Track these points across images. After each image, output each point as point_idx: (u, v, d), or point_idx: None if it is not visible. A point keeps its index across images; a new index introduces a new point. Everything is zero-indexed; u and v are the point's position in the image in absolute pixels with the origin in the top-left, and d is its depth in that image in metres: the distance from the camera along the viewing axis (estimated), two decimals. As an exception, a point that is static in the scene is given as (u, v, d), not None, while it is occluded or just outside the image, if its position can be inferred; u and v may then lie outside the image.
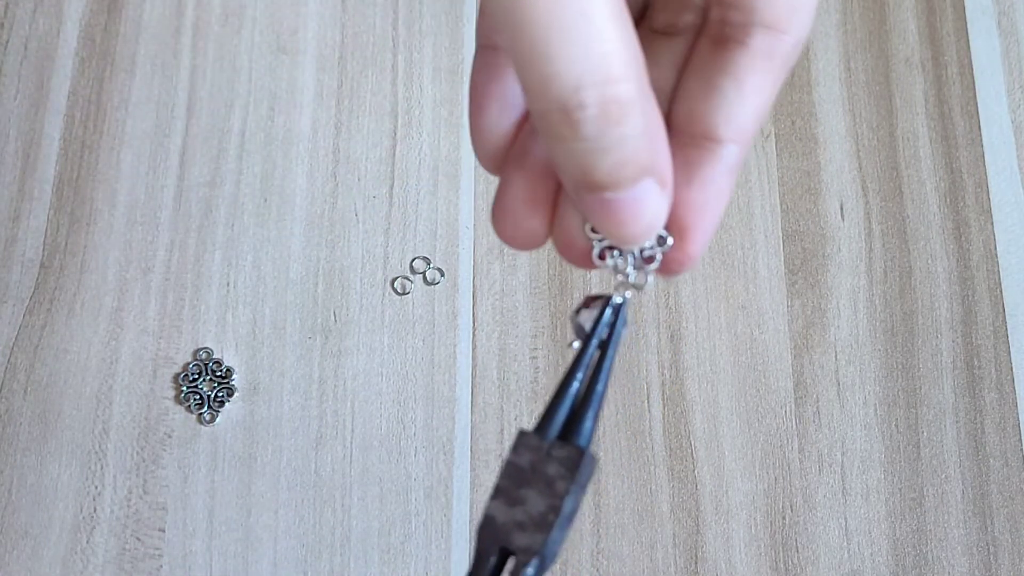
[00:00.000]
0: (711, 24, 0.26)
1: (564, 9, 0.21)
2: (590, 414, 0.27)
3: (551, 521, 0.25)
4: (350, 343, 0.62)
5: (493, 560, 0.25)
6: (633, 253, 0.26)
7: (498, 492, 0.25)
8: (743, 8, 0.25)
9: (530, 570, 0.25)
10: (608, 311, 0.27)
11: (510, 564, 0.25)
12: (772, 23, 0.24)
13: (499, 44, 0.25)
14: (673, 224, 0.25)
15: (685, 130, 0.26)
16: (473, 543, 0.25)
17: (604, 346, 0.27)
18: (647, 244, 0.26)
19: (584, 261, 0.27)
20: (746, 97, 0.25)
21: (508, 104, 0.27)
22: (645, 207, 0.24)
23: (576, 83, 0.22)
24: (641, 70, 0.23)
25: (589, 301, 0.28)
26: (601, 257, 0.26)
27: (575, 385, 0.27)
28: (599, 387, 0.27)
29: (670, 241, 0.26)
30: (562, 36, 0.21)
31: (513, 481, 0.25)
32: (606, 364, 0.27)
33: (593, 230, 0.26)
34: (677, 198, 0.25)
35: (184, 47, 0.68)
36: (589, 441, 0.26)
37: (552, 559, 0.25)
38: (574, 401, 0.27)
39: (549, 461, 0.25)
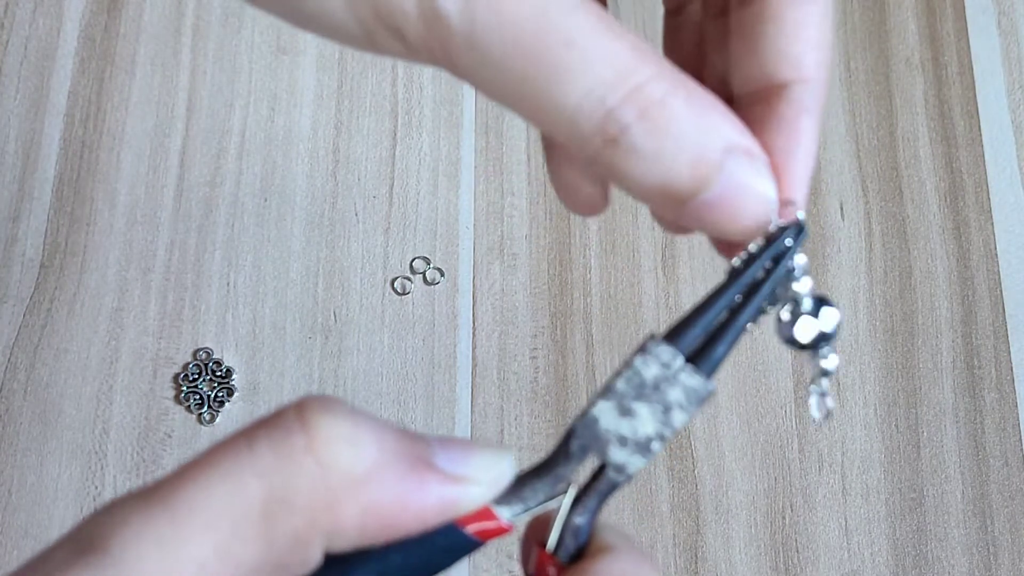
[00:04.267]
0: None
1: (549, 49, 0.20)
2: (726, 342, 0.24)
3: (654, 448, 0.23)
4: (350, 343, 0.62)
5: (578, 463, 0.23)
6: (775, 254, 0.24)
7: (610, 393, 0.23)
8: None
9: (606, 486, 0.23)
10: (786, 240, 0.24)
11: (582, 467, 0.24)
12: None
13: (513, 110, 0.23)
14: None
15: (749, 92, 0.24)
16: (567, 436, 0.23)
17: (762, 279, 0.25)
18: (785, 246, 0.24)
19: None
20: (791, 31, 0.23)
21: None
22: (746, 189, 0.22)
23: (603, 106, 0.20)
24: (656, 60, 0.21)
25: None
26: (748, 262, 0.24)
27: (721, 304, 0.24)
28: (743, 317, 0.25)
29: (801, 217, 0.24)
30: (560, 74, 0.20)
31: (631, 390, 0.23)
32: (760, 295, 0.25)
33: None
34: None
35: (184, 47, 0.68)
36: (715, 371, 0.24)
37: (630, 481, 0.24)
38: (710, 323, 0.24)
39: (674, 384, 0.23)
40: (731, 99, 0.25)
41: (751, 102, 0.24)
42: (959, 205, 0.65)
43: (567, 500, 0.24)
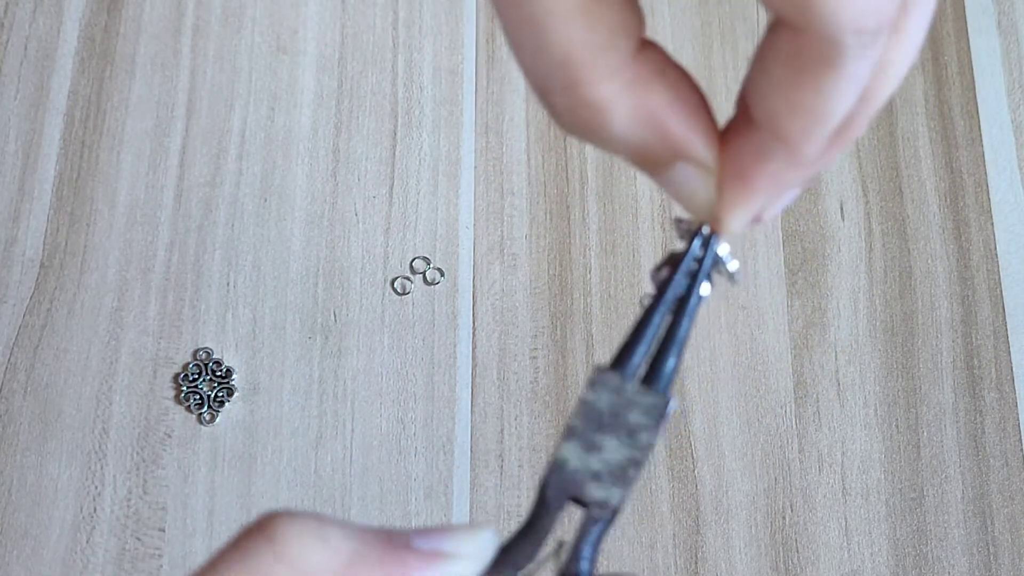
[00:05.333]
0: None
1: (520, 10, 0.20)
2: (672, 355, 0.24)
3: (632, 476, 0.23)
4: (350, 343, 0.62)
5: (558, 511, 0.23)
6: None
7: (572, 433, 0.23)
8: None
9: (598, 527, 0.23)
10: (697, 241, 0.24)
11: (573, 515, 0.23)
12: None
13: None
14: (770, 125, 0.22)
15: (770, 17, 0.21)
16: (536, 490, 0.22)
17: (690, 283, 0.24)
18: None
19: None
20: None
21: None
22: (688, 187, 0.22)
23: (543, 87, 0.21)
24: (610, 60, 0.20)
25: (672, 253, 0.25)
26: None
27: (655, 322, 0.24)
28: (683, 326, 0.24)
29: (722, 249, 0.24)
30: (522, 38, 0.20)
31: (590, 424, 0.23)
32: (692, 300, 0.24)
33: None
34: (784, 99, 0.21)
35: (184, 47, 0.68)
36: (669, 386, 0.24)
37: (620, 515, 0.23)
38: (650, 341, 0.24)
39: (632, 407, 0.23)
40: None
41: (747, 120, 0.22)
42: (959, 205, 0.65)
43: (564, 554, 0.23)
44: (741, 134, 0.23)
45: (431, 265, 0.63)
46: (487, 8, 0.70)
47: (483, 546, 0.22)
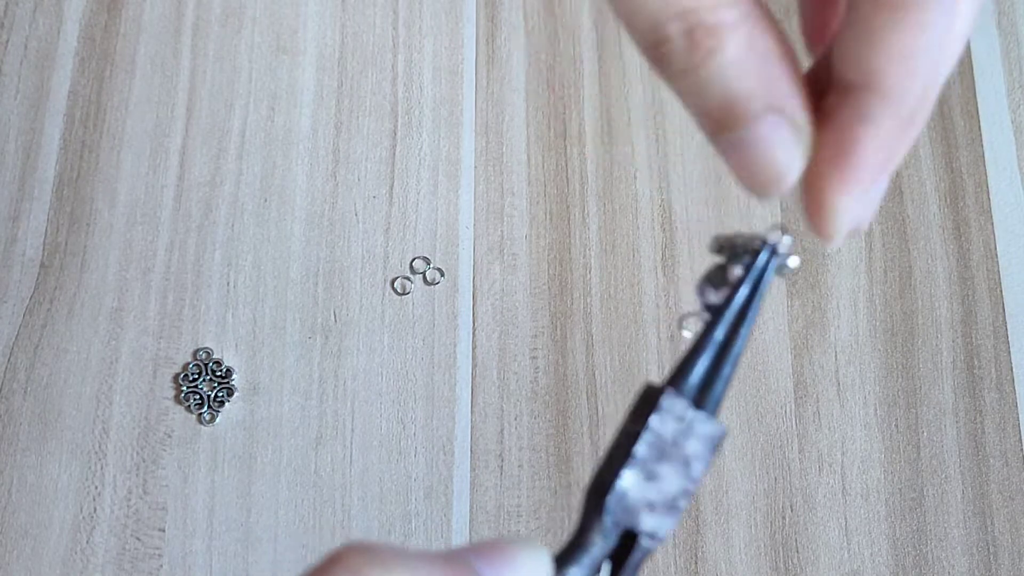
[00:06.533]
0: None
1: None
2: (722, 379, 0.24)
3: (681, 506, 0.23)
4: (350, 343, 0.62)
5: (611, 540, 0.23)
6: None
7: (635, 462, 0.23)
8: None
9: (641, 554, 0.23)
10: (763, 256, 0.24)
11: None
12: None
13: None
14: (813, 172, 0.22)
15: (845, 78, 0.22)
16: (591, 511, 0.23)
17: (748, 299, 0.24)
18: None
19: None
20: (869, 36, 0.20)
21: None
22: (771, 148, 0.21)
23: (658, 14, 0.20)
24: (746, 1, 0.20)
25: (727, 256, 0.24)
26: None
27: (716, 338, 0.24)
28: (736, 347, 0.24)
29: (784, 243, 0.23)
30: None
31: (653, 453, 0.23)
32: (749, 318, 0.24)
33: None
34: (823, 151, 0.22)
35: (184, 47, 0.68)
36: (719, 407, 0.24)
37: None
38: (707, 361, 0.24)
39: (690, 435, 0.23)
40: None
41: (839, 94, 0.22)
42: (959, 205, 0.65)
43: None
44: (833, 104, 0.22)
45: (431, 265, 0.63)
46: (487, 8, 0.70)
47: (541, 571, 0.22)
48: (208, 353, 0.61)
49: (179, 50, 0.68)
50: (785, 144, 0.21)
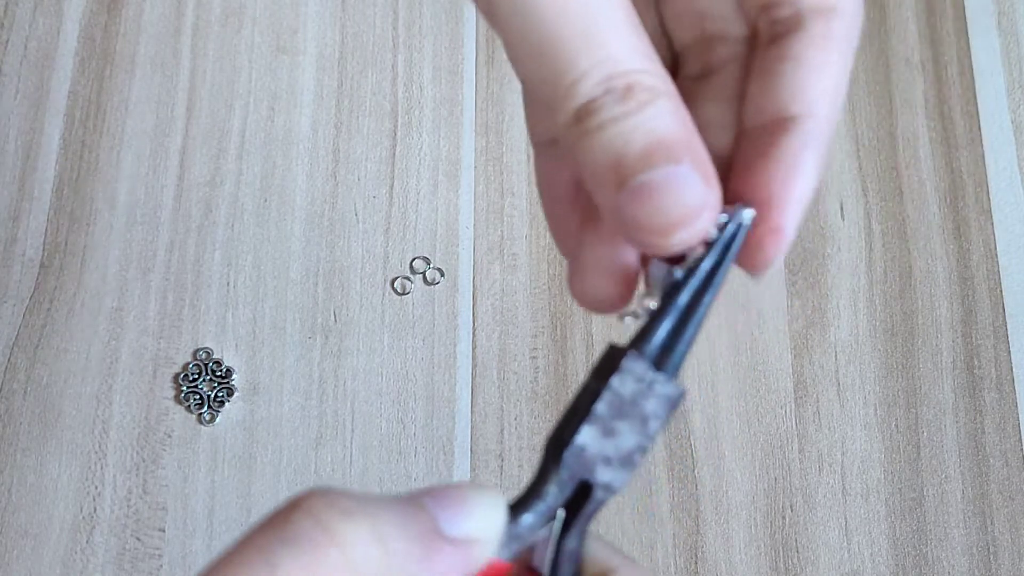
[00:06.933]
0: (761, 34, 0.26)
1: (587, 18, 0.22)
2: (684, 342, 0.25)
3: (636, 461, 0.24)
4: (350, 343, 0.62)
5: (567, 492, 0.24)
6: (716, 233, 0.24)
7: (595, 419, 0.24)
8: (789, 1, 0.25)
9: (594, 505, 0.24)
10: (730, 228, 0.25)
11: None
12: (820, 5, 0.25)
13: (519, 58, 0.25)
14: (756, 198, 0.24)
15: (758, 124, 0.25)
16: (549, 462, 0.24)
17: (713, 268, 0.25)
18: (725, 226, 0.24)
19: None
20: (809, 72, 0.25)
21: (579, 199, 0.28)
22: (684, 189, 0.23)
23: (601, 74, 0.22)
24: (662, 70, 0.24)
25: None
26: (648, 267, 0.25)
27: (680, 303, 0.25)
28: (699, 312, 0.25)
29: (748, 215, 0.24)
30: (587, 40, 0.22)
31: (612, 411, 0.24)
32: (715, 284, 0.25)
33: (643, 262, 0.25)
34: (752, 174, 0.25)
35: (184, 47, 0.68)
36: (679, 370, 0.25)
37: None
38: (669, 326, 0.25)
39: (649, 395, 0.24)
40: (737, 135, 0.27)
41: (758, 135, 0.25)
42: (959, 205, 0.65)
43: (556, 526, 0.24)
44: (752, 148, 0.25)
45: (431, 265, 0.63)
46: (487, 8, 0.70)
47: (500, 522, 0.23)
48: (208, 353, 0.61)
49: (179, 50, 0.68)
50: (695, 188, 0.23)
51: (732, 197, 0.25)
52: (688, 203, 0.23)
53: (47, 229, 0.64)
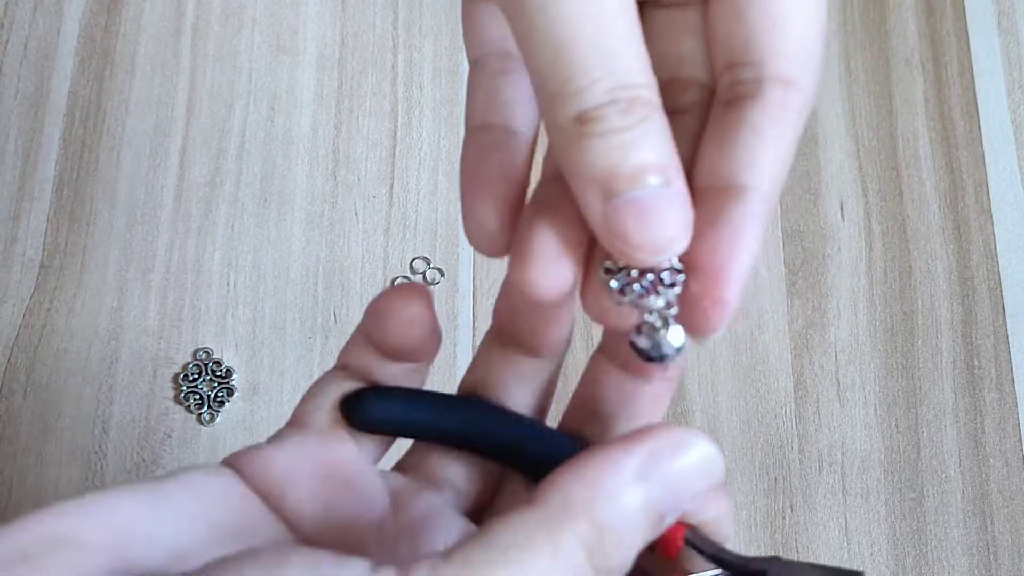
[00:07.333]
0: (722, 90, 0.27)
1: (597, 27, 0.23)
2: None
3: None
4: (350, 343, 0.62)
5: None
6: (655, 280, 0.25)
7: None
8: (754, 64, 0.26)
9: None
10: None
11: None
12: (783, 76, 0.25)
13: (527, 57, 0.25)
14: (698, 265, 0.25)
15: (708, 185, 0.26)
16: None
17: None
18: (665, 277, 0.25)
19: (617, 321, 0.27)
20: (765, 144, 0.25)
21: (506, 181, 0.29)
22: (671, 208, 0.24)
23: (611, 83, 0.23)
24: (657, 89, 0.24)
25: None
26: (622, 292, 0.26)
27: None
28: None
29: (681, 278, 0.25)
30: (596, 51, 0.23)
31: None
32: None
33: (606, 270, 0.26)
34: (700, 241, 0.25)
35: (184, 47, 0.68)
36: None
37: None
38: None
39: None
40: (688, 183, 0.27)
41: (707, 196, 0.26)
42: (959, 205, 0.65)
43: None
44: (707, 211, 0.26)
45: (431, 265, 0.63)
46: (487, 8, 0.70)
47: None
48: (208, 353, 0.61)
49: (179, 50, 0.68)
50: (680, 209, 0.24)
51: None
52: (671, 224, 0.24)
53: (47, 229, 0.64)
